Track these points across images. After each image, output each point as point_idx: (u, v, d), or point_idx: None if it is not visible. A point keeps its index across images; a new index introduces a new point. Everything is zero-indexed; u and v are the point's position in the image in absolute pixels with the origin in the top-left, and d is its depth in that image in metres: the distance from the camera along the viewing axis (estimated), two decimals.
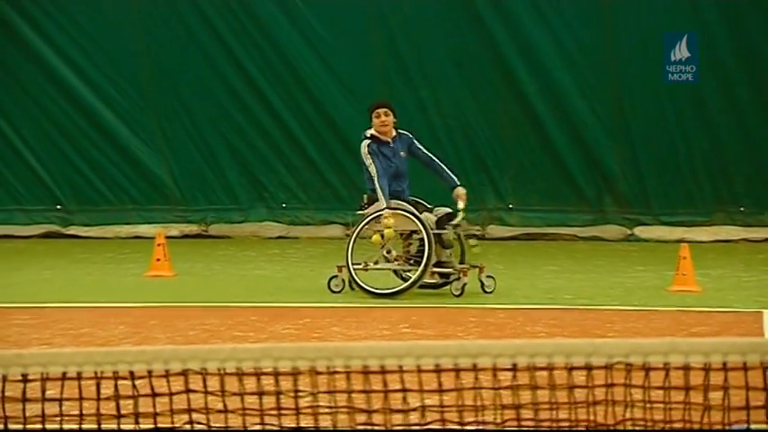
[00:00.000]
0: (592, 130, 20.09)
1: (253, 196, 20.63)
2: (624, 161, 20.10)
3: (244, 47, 20.41)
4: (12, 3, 20.48)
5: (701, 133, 19.90)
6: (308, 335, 12.77)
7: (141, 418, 5.42)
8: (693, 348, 5.21)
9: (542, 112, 20.05)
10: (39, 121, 20.68)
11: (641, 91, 19.96)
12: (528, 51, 20.02)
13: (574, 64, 20.02)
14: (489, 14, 20.00)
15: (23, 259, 18.79)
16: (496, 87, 20.10)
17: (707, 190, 19.90)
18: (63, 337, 12.67)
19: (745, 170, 19.92)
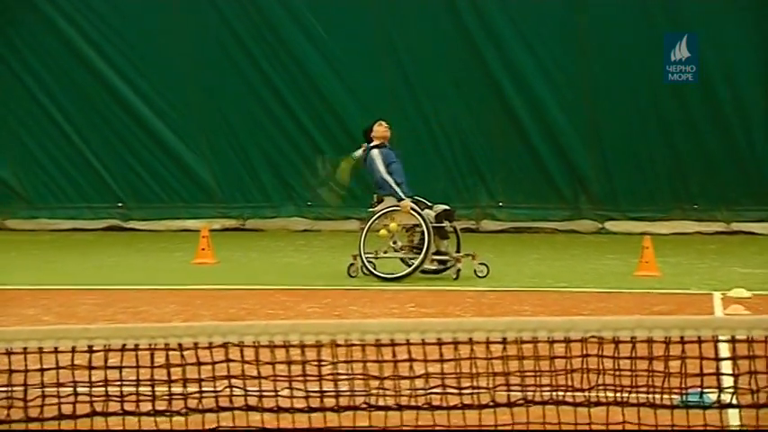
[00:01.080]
0: (569, 139, 20.03)
1: (283, 196, 20.59)
2: (596, 166, 20.04)
3: (275, 69, 20.35)
4: (79, 30, 20.42)
5: (661, 142, 19.81)
6: (329, 313, 12.72)
7: (189, 383, 5.41)
8: (656, 324, 5.19)
9: (527, 124, 19.99)
10: (103, 132, 20.65)
11: (611, 105, 19.86)
12: (515, 72, 19.95)
13: (553, 83, 19.95)
14: (482, 41, 19.93)
15: (90, 249, 18.76)
16: (488, 103, 20.02)
17: (666, 190, 19.83)
18: (124, 314, 12.65)
19: (699, 174, 19.85)
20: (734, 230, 19.70)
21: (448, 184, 19.74)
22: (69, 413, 5.36)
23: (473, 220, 20.10)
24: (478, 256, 15.18)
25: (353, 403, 5.31)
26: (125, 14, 20.53)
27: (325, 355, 5.30)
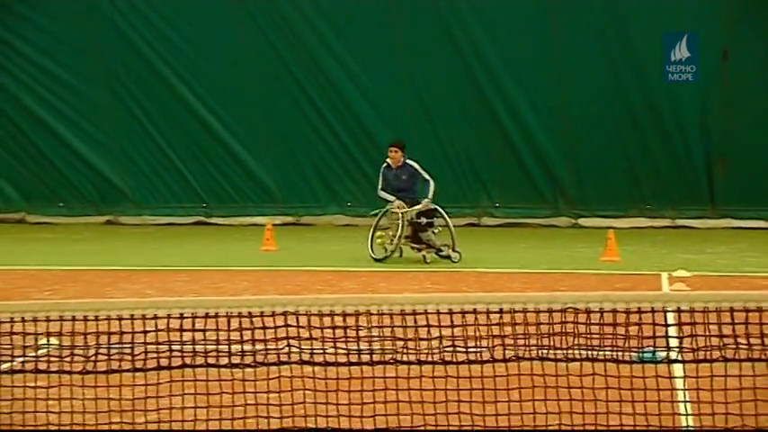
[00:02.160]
0: (550, 155, 19.94)
1: (328, 197, 20.56)
2: (571, 175, 19.94)
3: (320, 96, 20.22)
4: (167, 64, 20.42)
5: (621, 155, 19.67)
6: (364, 288, 12.74)
7: (256, 343, 5.40)
8: (618, 298, 5.19)
9: (517, 142, 19.91)
10: (190, 147, 20.60)
11: (583, 128, 19.74)
12: (507, 102, 19.83)
13: (537, 110, 19.83)
14: (481, 76, 19.82)
15: (182, 239, 18.80)
16: (487, 125, 19.92)
17: (625, 194, 19.73)
18: (207, 289, 12.69)
19: (650, 180, 19.74)
20: (678, 225, 19.62)
21: (456, 189, 19.72)
22: (166, 365, 5.38)
23: (476, 217, 20.07)
24: (458, 245, 15.02)
25: (383, 359, 5.31)
26: (201, 50, 20.38)
27: (362, 321, 5.30)
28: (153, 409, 5.67)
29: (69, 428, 5.46)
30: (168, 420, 5.55)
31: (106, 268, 14.96)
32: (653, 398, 5.49)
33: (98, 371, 5.25)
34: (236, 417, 5.58)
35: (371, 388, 5.50)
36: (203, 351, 5.39)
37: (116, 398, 5.57)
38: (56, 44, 20.58)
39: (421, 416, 5.42)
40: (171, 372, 5.37)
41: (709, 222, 19.56)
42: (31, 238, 19.02)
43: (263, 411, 5.67)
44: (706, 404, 5.50)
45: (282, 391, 5.61)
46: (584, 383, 5.38)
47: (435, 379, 5.42)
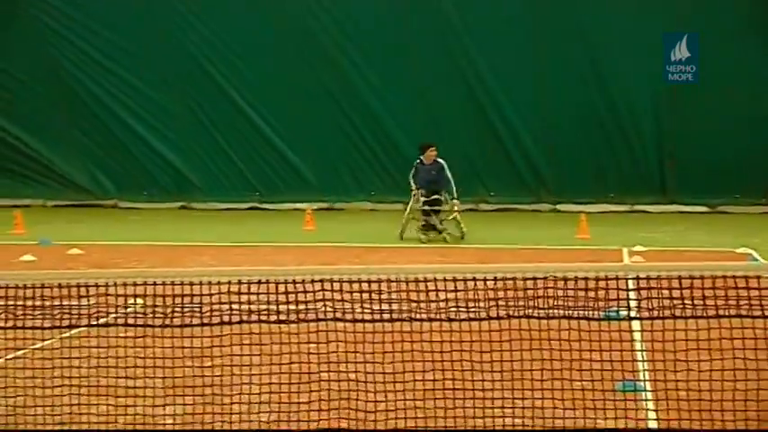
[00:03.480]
0: (534, 153, 19.81)
1: (356, 187, 20.49)
2: (551, 170, 19.79)
3: (350, 104, 20.17)
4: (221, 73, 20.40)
5: (590, 153, 19.55)
6: (386, 261, 12.73)
7: (300, 304, 5.39)
8: (590, 268, 5.15)
9: (508, 145, 19.81)
10: (244, 144, 20.56)
11: (561, 131, 19.61)
12: (499, 110, 19.78)
13: (524, 118, 19.73)
14: (478, 90, 19.75)
15: (239, 221, 18.80)
16: (483, 129, 19.80)
17: (594, 185, 19.57)
18: (260, 261, 12.69)
19: (614, 174, 19.60)
20: (636, 210, 19.50)
21: (458, 181, 19.34)
22: (227, 321, 5.37)
23: (474, 203, 19.96)
24: (462, 231, 15.11)
25: (401, 316, 5.29)
26: (253, 66, 20.20)
27: (384, 287, 5.28)
28: (217, 356, 5.67)
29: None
30: (230, 365, 5.56)
31: (180, 244, 15.00)
32: (617, 347, 5.47)
33: (174, 325, 5.25)
34: (283, 362, 5.58)
35: (391, 340, 5.49)
36: (257, 310, 5.38)
37: (188, 346, 5.57)
38: (138, 63, 20.60)
39: (430, 362, 5.41)
40: (231, 326, 5.37)
41: (660, 207, 19.45)
42: (121, 220, 19.09)
43: (304, 358, 5.67)
44: (659, 352, 5.47)
45: (320, 343, 5.60)
46: (561, 336, 5.35)
47: (442, 333, 5.40)
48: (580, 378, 5.25)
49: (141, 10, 20.43)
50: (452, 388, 5.33)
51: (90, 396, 5.43)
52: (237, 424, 5.46)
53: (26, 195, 20.81)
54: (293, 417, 5.51)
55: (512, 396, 5.39)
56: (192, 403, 5.71)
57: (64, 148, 20.96)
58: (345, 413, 5.40)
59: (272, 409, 5.59)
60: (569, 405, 5.29)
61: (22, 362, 6.04)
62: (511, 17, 19.46)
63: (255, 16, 20.24)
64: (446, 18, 19.75)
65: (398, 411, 5.38)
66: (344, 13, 20.08)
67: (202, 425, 5.47)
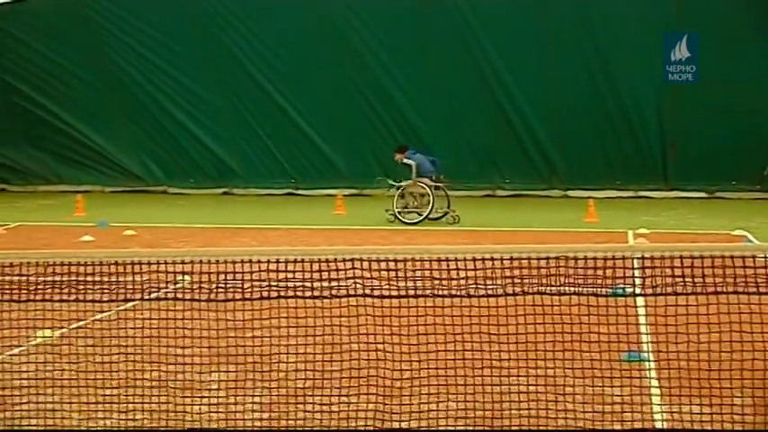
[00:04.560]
0: (546, 143, 19.82)
1: (382, 175, 20.36)
2: (562, 158, 19.78)
3: (378, 99, 20.23)
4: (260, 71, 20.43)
5: (598, 143, 19.46)
6: (409, 241, 12.73)
7: (332, 281, 5.37)
8: (598, 249, 5.09)
9: (522, 134, 19.81)
10: (281, 134, 20.69)
11: (571, 123, 19.51)
12: (514, 103, 19.71)
13: (537, 111, 19.68)
14: (495, 84, 19.70)
15: (276, 206, 18.90)
16: (499, 121, 19.80)
17: (602, 172, 19.53)
18: (295, 241, 12.75)
19: (620, 162, 19.52)
20: (640, 196, 19.41)
21: (476, 169, 19.76)
22: (266, 296, 5.37)
23: (491, 190, 19.98)
24: (454, 211, 15.22)
25: (424, 293, 5.26)
26: (289, 64, 20.36)
27: (408, 266, 5.26)
28: (257, 328, 5.69)
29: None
30: (269, 336, 5.58)
31: (223, 226, 15.07)
32: (623, 321, 5.42)
33: (218, 299, 5.26)
34: (317, 334, 5.59)
35: (415, 314, 5.48)
36: (293, 286, 5.37)
37: (231, 319, 5.60)
38: (185, 62, 20.71)
39: (451, 335, 5.39)
40: (270, 301, 5.37)
41: (663, 194, 19.35)
42: (170, 204, 19.22)
43: (336, 330, 5.67)
44: (661, 326, 5.42)
45: (350, 316, 5.60)
46: (571, 311, 5.32)
47: (462, 308, 5.39)
48: (589, 349, 5.21)
49: (188, 13, 20.52)
50: (471, 358, 5.32)
51: (144, 363, 5.48)
52: (276, 390, 5.49)
53: (86, 182, 21.01)
54: (326, 383, 5.52)
55: (526, 365, 5.38)
56: (234, 371, 5.75)
57: (119, 139, 21.13)
58: (374, 380, 5.41)
59: (306, 377, 5.61)
60: (579, 374, 5.26)
61: (84, 331, 6.10)
62: (523, 15, 19.36)
63: (290, 18, 20.25)
64: (464, 17, 19.65)
65: (422, 379, 5.38)
66: (371, 13, 20.04)
67: (244, 390, 5.50)
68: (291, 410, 5.35)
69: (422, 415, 5.07)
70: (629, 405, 5.08)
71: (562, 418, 4.99)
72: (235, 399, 5.38)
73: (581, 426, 4.94)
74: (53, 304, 5.02)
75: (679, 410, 4.97)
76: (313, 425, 5.08)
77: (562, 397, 5.15)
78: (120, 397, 5.31)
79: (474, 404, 5.16)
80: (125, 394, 5.32)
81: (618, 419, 5.00)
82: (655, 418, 5.12)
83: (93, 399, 5.27)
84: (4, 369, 5.78)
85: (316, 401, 5.35)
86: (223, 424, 5.09)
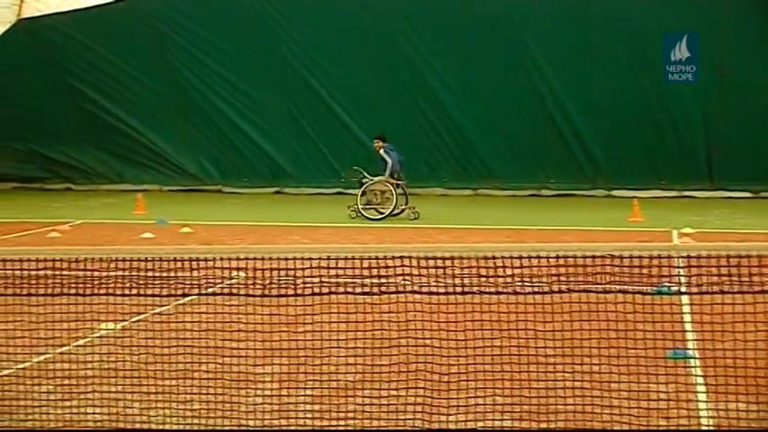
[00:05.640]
0: (591, 143, 19.49)
1: (429, 174, 20.31)
2: (606, 158, 19.45)
3: (425, 102, 20.12)
4: (311, 73, 20.49)
5: (643, 143, 19.14)
6: (455, 240, 12.62)
7: (381, 278, 5.34)
8: (643, 247, 5.02)
9: (567, 135, 19.55)
10: (331, 137, 20.68)
11: (616, 123, 19.21)
12: (559, 104, 19.46)
13: (583, 111, 19.39)
14: (541, 85, 19.46)
15: (326, 205, 18.83)
16: (545, 122, 19.49)
17: (646, 172, 19.17)
18: (344, 240, 12.74)
19: (665, 162, 19.18)
20: (684, 195, 19.04)
21: (521, 170, 19.56)
22: (317, 292, 5.38)
23: (536, 189, 19.79)
24: (413, 207, 15.53)
25: (471, 290, 5.22)
26: (338, 65, 20.28)
27: (456, 263, 5.23)
28: (309, 323, 5.71)
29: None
30: (320, 331, 5.60)
31: (275, 224, 15.16)
32: (668, 319, 5.34)
33: (271, 295, 5.29)
34: (367, 330, 5.59)
35: (462, 311, 5.46)
36: (343, 283, 5.39)
37: (284, 314, 5.63)
38: (239, 64, 20.87)
39: (498, 331, 5.35)
40: (321, 297, 5.39)
41: (708, 193, 18.96)
42: (225, 203, 19.41)
43: (385, 326, 5.66)
44: (707, 324, 5.32)
45: (399, 312, 5.60)
46: (617, 309, 5.24)
47: (508, 305, 5.34)
48: (635, 346, 5.13)
49: (242, 17, 20.69)
50: (518, 354, 5.28)
51: (200, 355, 5.54)
52: (327, 383, 5.51)
53: (146, 181, 21.33)
54: (376, 377, 5.53)
55: (572, 362, 5.32)
56: (287, 363, 5.78)
57: (176, 139, 21.41)
58: (422, 375, 5.40)
59: (356, 371, 5.62)
60: (624, 371, 5.19)
61: (144, 324, 6.20)
62: (568, 14, 19.11)
63: (340, 20, 20.28)
64: (509, 17, 19.46)
65: (469, 374, 5.36)
66: (419, 15, 19.99)
67: (296, 383, 5.53)
68: (342, 403, 5.36)
69: (469, 409, 5.04)
70: (675, 402, 5.00)
71: (608, 414, 4.92)
72: (287, 391, 5.41)
73: (626, 422, 4.87)
74: (116, 298, 5.10)
75: (725, 408, 4.87)
76: (363, 417, 5.08)
77: (608, 393, 5.07)
78: (179, 387, 5.38)
79: (520, 399, 5.12)
80: (183, 385, 5.38)
81: (663, 416, 4.91)
82: (701, 416, 5.02)
83: (153, 389, 5.34)
84: (71, 360, 5.90)
85: (365, 395, 5.35)
86: (276, 415, 5.12)
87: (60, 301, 5.11)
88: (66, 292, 4.95)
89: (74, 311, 5.32)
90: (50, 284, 4.98)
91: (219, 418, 5.05)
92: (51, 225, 14.50)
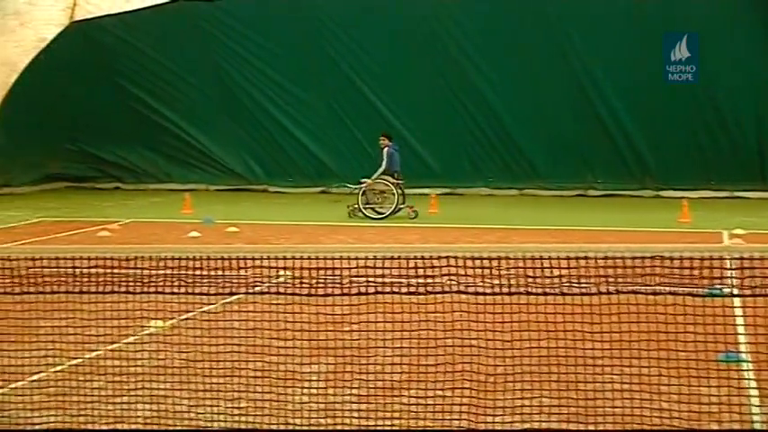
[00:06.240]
0: (639, 143, 19.31)
1: (475, 175, 20.31)
2: (655, 158, 19.25)
3: (470, 103, 20.10)
4: (357, 74, 20.51)
5: (693, 143, 18.88)
6: (501, 240, 12.53)
7: (428, 278, 5.32)
8: (694, 249, 4.93)
9: (614, 134, 19.37)
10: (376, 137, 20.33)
11: (665, 123, 18.98)
12: (607, 103, 19.28)
13: (631, 110, 19.18)
14: (588, 84, 19.29)
15: None
16: (592, 121, 19.37)
17: (696, 172, 18.91)
18: (389, 239, 12.72)
19: (715, 162, 18.87)
20: (735, 196, 18.70)
21: (568, 169, 19.44)
22: (364, 291, 5.34)
23: (583, 190, 19.63)
24: (412, 206, 15.66)
25: (517, 290, 5.17)
26: (385, 67, 20.32)
27: (502, 264, 5.18)
28: (355, 322, 5.72)
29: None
30: (366, 330, 5.60)
31: (320, 223, 15.23)
32: (719, 322, 5.23)
33: (317, 294, 5.31)
34: (413, 329, 5.58)
35: (509, 311, 5.42)
36: (390, 282, 5.39)
37: (330, 313, 5.65)
38: (284, 65, 21.03)
39: (545, 332, 5.31)
40: (367, 297, 5.39)
41: (759, 194, 18.60)
42: (270, 202, 19.56)
43: (431, 326, 5.65)
44: (760, 326, 5.22)
45: (444, 312, 5.58)
46: (667, 311, 5.16)
47: (555, 305, 5.29)
48: (685, 349, 5.05)
49: (288, 18, 20.85)
50: (565, 355, 5.23)
51: (248, 353, 5.58)
52: (373, 382, 5.52)
53: (193, 180, 21.60)
54: (422, 377, 5.52)
55: (620, 364, 5.25)
56: (333, 363, 5.80)
57: (223, 139, 21.64)
58: (468, 375, 5.38)
59: (402, 370, 5.61)
60: (674, 373, 5.11)
61: (192, 322, 6.27)
62: (614, 11, 18.90)
63: (384, 20, 20.33)
64: (555, 16, 19.32)
65: (515, 375, 5.32)
66: (464, 15, 19.94)
67: (342, 382, 5.54)
68: (387, 403, 5.36)
69: (515, 410, 5.01)
70: (727, 405, 4.90)
71: (657, 417, 4.85)
72: (333, 390, 5.43)
73: (676, 425, 4.79)
74: (164, 296, 5.16)
75: None
76: (409, 417, 5.08)
77: (657, 396, 5.00)
78: (227, 385, 5.43)
79: (567, 401, 5.07)
80: (230, 383, 5.43)
81: (715, 419, 4.82)
82: (753, 420, 4.92)
83: (201, 386, 5.40)
84: (121, 356, 5.99)
85: (411, 395, 5.35)
86: (322, 414, 5.14)
87: (111, 298, 5.20)
88: (117, 289, 5.03)
89: (124, 309, 5.41)
90: (101, 282, 5.06)
91: (266, 416, 5.08)
92: (101, 224, 14.75)
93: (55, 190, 21.54)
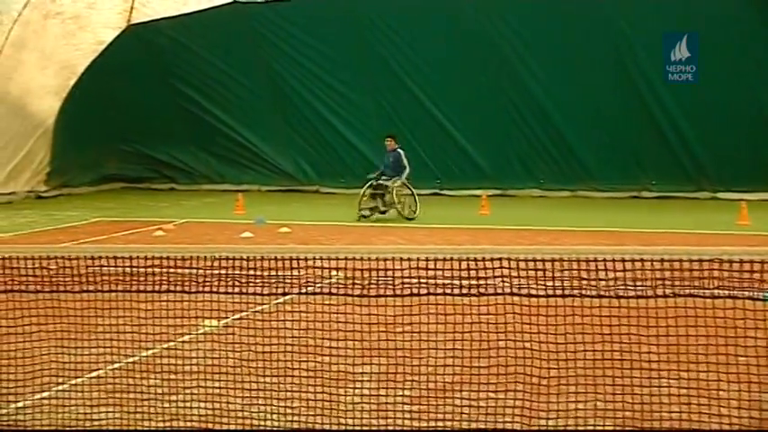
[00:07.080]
0: (695, 144, 18.98)
1: (526, 176, 20.12)
2: (712, 160, 18.88)
3: (522, 100, 19.95)
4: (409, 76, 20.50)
5: (750, 144, 18.47)
6: (553, 241, 12.40)
7: (480, 279, 5.27)
8: (754, 251, 4.82)
9: (669, 135, 19.07)
10: (427, 139, 20.62)
11: (722, 124, 18.60)
12: (662, 104, 18.97)
13: (687, 112, 18.85)
14: (642, 85, 18.98)
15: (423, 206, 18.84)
16: (646, 122, 19.09)
17: (754, 174, 18.48)
18: (441, 240, 12.69)
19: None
20: None
21: (621, 171, 19.23)
22: (416, 293, 5.30)
23: (636, 191, 19.36)
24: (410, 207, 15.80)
25: (571, 292, 5.09)
26: (437, 69, 20.28)
27: (556, 266, 5.12)
28: (407, 323, 5.71)
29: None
30: (418, 332, 5.59)
31: (371, 224, 15.24)
32: None
33: (369, 295, 5.31)
34: (465, 331, 5.55)
35: (562, 314, 5.35)
36: (441, 284, 5.36)
37: (382, 314, 5.64)
38: (336, 67, 21.14)
39: (599, 335, 5.24)
40: (419, 298, 5.38)
41: None
42: (321, 203, 19.66)
43: (483, 328, 5.61)
44: None
45: (497, 314, 5.53)
46: (725, 315, 5.05)
47: (610, 308, 5.22)
48: (744, 354, 4.94)
49: (340, 20, 20.93)
50: (620, 359, 5.15)
51: (300, 354, 5.62)
52: (425, 384, 5.50)
53: (245, 181, 21.84)
54: (474, 379, 5.48)
55: (677, 368, 5.15)
56: (385, 363, 5.80)
57: (275, 140, 21.83)
58: (521, 377, 5.33)
59: (454, 372, 5.59)
60: (733, 378, 5.00)
61: (246, 322, 6.32)
62: (668, 12, 18.58)
63: (437, 23, 20.28)
64: (608, 17, 19.08)
65: (569, 378, 5.26)
66: (516, 16, 19.81)
67: (394, 383, 5.54)
68: (440, 404, 5.35)
69: (569, 413, 4.95)
70: None
71: (716, 423, 4.75)
72: (385, 391, 5.43)
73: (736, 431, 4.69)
74: (218, 296, 5.22)
75: None
76: (461, 419, 5.06)
77: (716, 401, 4.89)
78: (279, 385, 5.47)
79: (623, 404, 4.99)
80: (283, 382, 5.47)
81: None
82: None
83: (255, 386, 5.45)
84: (176, 355, 6.08)
85: (463, 396, 5.32)
86: (374, 415, 5.14)
87: (166, 297, 5.27)
88: (172, 289, 5.09)
89: (179, 308, 5.48)
90: (157, 281, 5.14)
91: (319, 416, 5.11)
92: (157, 224, 14.99)
93: (112, 190, 21.97)
